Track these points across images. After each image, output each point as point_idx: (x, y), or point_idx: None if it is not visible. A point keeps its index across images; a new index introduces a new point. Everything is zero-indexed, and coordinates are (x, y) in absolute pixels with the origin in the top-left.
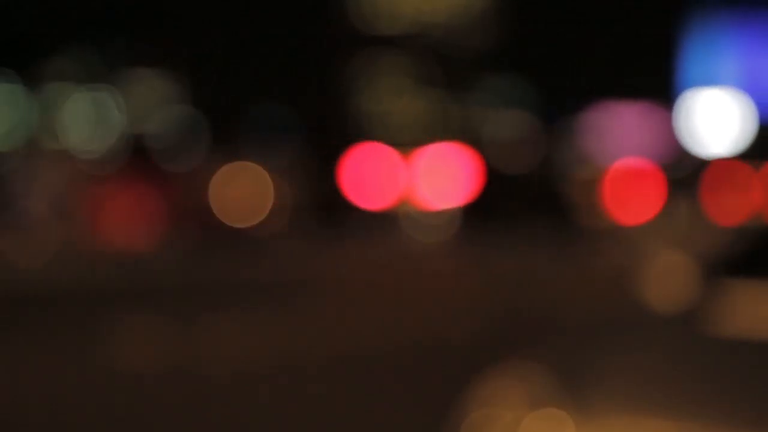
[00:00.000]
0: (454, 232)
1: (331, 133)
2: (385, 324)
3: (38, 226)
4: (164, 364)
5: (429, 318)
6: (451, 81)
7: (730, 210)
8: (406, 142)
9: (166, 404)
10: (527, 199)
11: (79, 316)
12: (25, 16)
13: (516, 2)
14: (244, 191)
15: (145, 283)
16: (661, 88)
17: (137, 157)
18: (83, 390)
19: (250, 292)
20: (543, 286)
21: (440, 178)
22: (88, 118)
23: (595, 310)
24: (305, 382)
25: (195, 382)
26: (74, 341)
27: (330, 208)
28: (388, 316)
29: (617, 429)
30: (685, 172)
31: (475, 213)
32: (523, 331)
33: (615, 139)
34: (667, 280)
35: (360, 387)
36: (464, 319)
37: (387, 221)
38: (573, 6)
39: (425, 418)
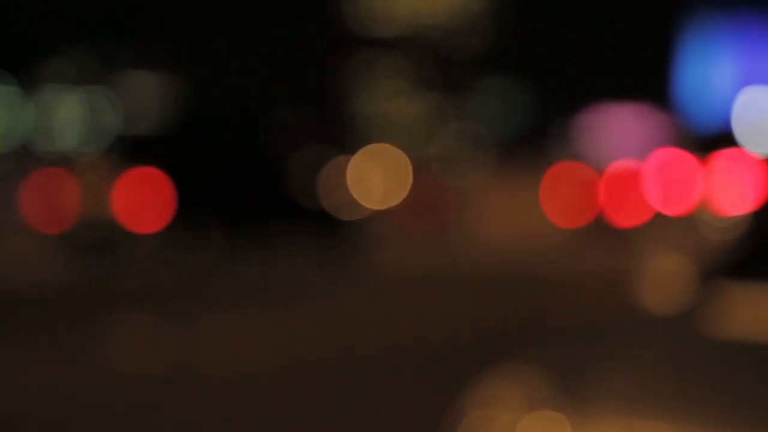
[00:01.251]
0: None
1: (329, 135)
2: (384, 325)
3: (35, 227)
4: (164, 364)
5: (430, 319)
6: (449, 82)
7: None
8: (701, 147)
9: (166, 404)
10: None
11: (78, 316)
12: (22, 18)
13: (512, 4)
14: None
15: (144, 282)
16: (658, 90)
17: (134, 160)
18: (82, 390)
19: (250, 292)
20: (541, 287)
21: (735, 182)
22: (83, 119)
23: (593, 312)
24: (303, 384)
25: (195, 382)
26: (73, 341)
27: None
28: (386, 318)
29: (614, 431)
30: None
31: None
32: (520, 333)
33: (611, 141)
34: (665, 281)
35: (358, 387)
36: (463, 322)
37: (685, 226)
38: (569, 9)
39: (422, 419)
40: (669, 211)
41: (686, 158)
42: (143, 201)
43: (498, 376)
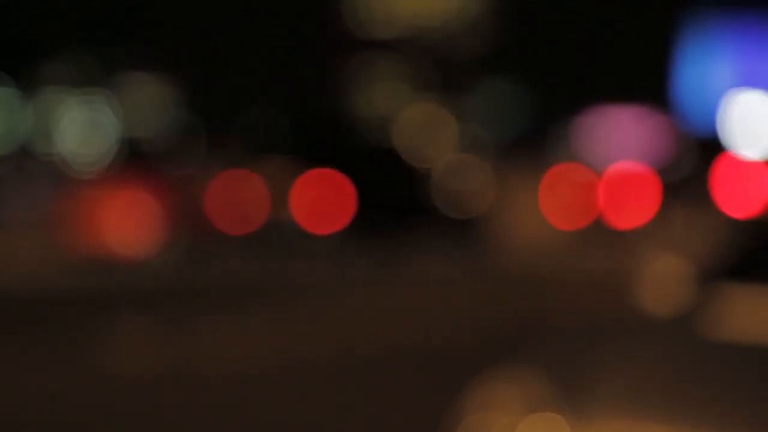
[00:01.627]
0: None
1: (328, 137)
2: (383, 327)
3: (33, 230)
4: (163, 367)
5: (430, 319)
6: (448, 84)
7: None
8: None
9: (164, 407)
10: None
11: (77, 320)
12: (21, 19)
13: (511, 6)
14: (240, 196)
15: (142, 287)
16: (657, 92)
17: (132, 161)
18: (81, 394)
19: (248, 295)
20: (540, 288)
21: None
22: (83, 122)
23: (592, 313)
24: (303, 384)
25: (194, 385)
26: (71, 345)
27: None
28: (386, 319)
29: None
30: (683, 175)
31: None
32: (519, 334)
33: (610, 143)
34: (664, 283)
35: (357, 390)
36: (463, 322)
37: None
38: (569, 8)
39: (422, 421)
40: (738, 215)
41: (754, 162)
42: (323, 202)
43: (497, 378)
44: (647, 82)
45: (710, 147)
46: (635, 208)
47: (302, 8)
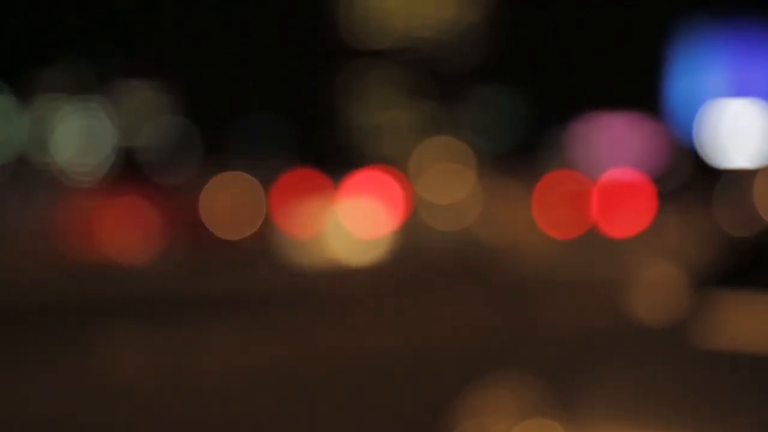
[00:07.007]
0: None
1: (323, 145)
2: (377, 335)
3: (29, 239)
4: (158, 376)
5: (423, 328)
6: (442, 93)
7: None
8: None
9: (161, 416)
10: None
11: (71, 328)
12: (16, 28)
13: (505, 15)
14: (236, 202)
15: (137, 295)
16: (651, 99)
17: (129, 169)
18: (77, 402)
19: (243, 303)
20: (533, 297)
21: None
22: (79, 130)
23: (586, 322)
24: (298, 393)
25: (189, 394)
26: (66, 354)
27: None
28: (379, 328)
29: None
30: (677, 183)
31: None
32: (513, 342)
33: (604, 150)
34: (657, 291)
35: (352, 397)
36: (458, 329)
37: None
38: (563, 17)
39: (417, 428)
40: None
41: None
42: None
43: (491, 385)
44: (641, 90)
45: (702, 155)
46: (630, 216)
47: (297, 18)
